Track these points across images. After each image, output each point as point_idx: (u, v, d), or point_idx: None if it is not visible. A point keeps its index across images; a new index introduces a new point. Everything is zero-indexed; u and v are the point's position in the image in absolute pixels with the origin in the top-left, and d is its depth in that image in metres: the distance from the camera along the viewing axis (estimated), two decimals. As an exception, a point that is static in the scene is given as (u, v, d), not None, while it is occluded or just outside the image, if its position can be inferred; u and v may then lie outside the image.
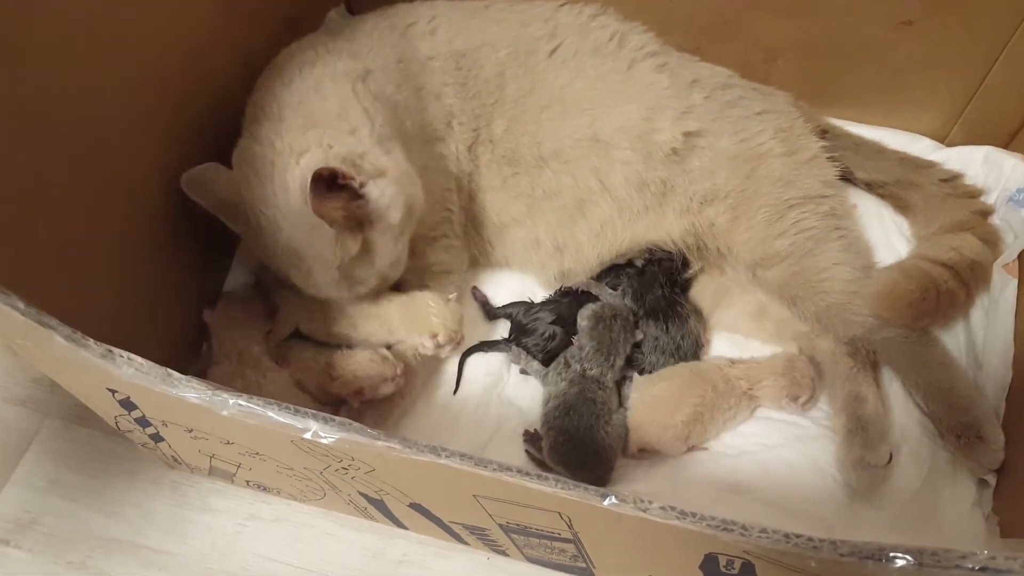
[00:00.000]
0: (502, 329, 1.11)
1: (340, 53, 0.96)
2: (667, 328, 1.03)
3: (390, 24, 1.03)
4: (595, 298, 1.07)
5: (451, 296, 1.03)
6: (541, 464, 0.97)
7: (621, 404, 1.00)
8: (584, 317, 1.03)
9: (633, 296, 1.05)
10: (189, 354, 1.05)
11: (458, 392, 1.05)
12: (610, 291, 1.08)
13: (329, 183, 0.84)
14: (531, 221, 1.05)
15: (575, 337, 1.04)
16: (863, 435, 0.95)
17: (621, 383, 1.02)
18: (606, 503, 0.59)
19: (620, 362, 1.01)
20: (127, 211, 0.90)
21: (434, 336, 0.98)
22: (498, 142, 1.03)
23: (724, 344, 1.09)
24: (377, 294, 0.98)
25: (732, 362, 1.02)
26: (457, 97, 1.02)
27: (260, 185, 0.86)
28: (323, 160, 0.82)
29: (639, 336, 1.04)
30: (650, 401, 0.98)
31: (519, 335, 1.06)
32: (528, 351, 1.05)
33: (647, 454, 0.99)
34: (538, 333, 1.04)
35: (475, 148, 1.04)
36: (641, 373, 1.03)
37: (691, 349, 1.04)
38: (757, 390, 0.99)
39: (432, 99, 1.01)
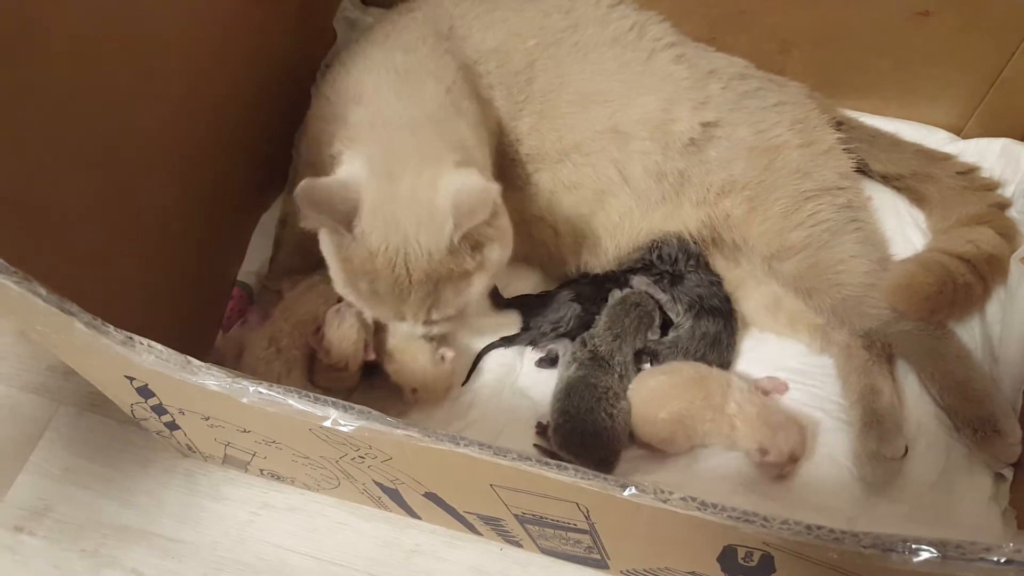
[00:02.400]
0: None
1: (422, 78, 0.92)
2: (723, 328, 1.02)
3: (435, 31, 1.00)
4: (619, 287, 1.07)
5: (447, 354, 1.01)
6: (551, 455, 0.97)
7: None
8: (613, 295, 1.05)
9: (689, 304, 1.04)
10: (200, 344, 1.05)
11: (471, 383, 1.05)
12: (663, 295, 1.06)
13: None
14: (551, 216, 1.05)
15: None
16: (878, 428, 0.95)
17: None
18: (626, 493, 0.59)
19: (627, 349, 1.00)
20: (144, 199, 0.89)
21: (413, 391, 1.00)
22: (524, 140, 1.02)
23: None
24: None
25: (750, 387, 0.97)
26: (502, 99, 1.01)
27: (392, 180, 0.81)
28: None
29: (651, 337, 1.03)
30: (643, 392, 0.98)
31: (526, 328, 1.06)
32: (541, 336, 1.05)
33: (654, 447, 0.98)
34: (555, 312, 1.05)
35: (503, 149, 1.03)
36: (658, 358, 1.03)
37: (726, 356, 1.03)
38: (740, 420, 0.94)
39: (486, 105, 0.99)
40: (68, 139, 0.76)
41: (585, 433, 0.94)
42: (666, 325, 1.06)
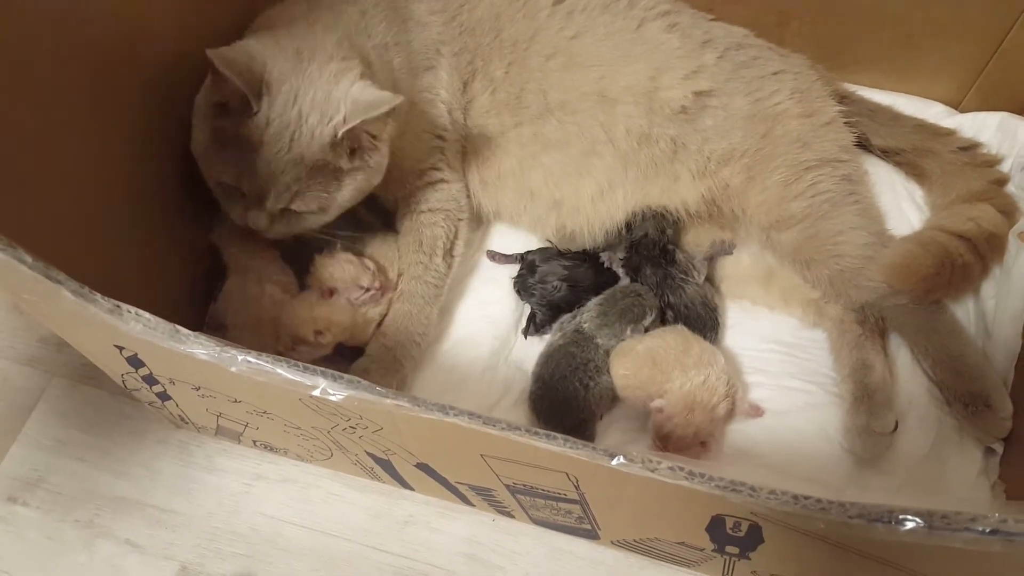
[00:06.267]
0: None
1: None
2: (667, 300, 1.03)
3: None
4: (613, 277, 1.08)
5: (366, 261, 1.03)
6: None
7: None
8: (621, 282, 1.06)
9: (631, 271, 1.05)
10: (190, 314, 1.04)
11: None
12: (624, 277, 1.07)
13: None
14: (531, 171, 1.04)
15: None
16: (869, 403, 0.95)
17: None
18: (614, 463, 0.59)
19: (612, 335, 1.00)
20: (136, 164, 0.89)
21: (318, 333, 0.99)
22: (499, 84, 1.03)
23: (731, 310, 1.08)
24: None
25: (735, 388, 0.96)
26: (445, 26, 1.03)
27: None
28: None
29: (630, 334, 1.01)
30: (630, 340, 0.99)
31: (528, 273, 1.07)
32: (531, 293, 1.06)
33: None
34: (549, 284, 1.06)
35: (472, 85, 1.04)
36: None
37: (701, 312, 1.02)
38: (689, 385, 0.93)
39: (419, 29, 1.02)
40: (55, 104, 0.75)
41: (555, 400, 0.95)
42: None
